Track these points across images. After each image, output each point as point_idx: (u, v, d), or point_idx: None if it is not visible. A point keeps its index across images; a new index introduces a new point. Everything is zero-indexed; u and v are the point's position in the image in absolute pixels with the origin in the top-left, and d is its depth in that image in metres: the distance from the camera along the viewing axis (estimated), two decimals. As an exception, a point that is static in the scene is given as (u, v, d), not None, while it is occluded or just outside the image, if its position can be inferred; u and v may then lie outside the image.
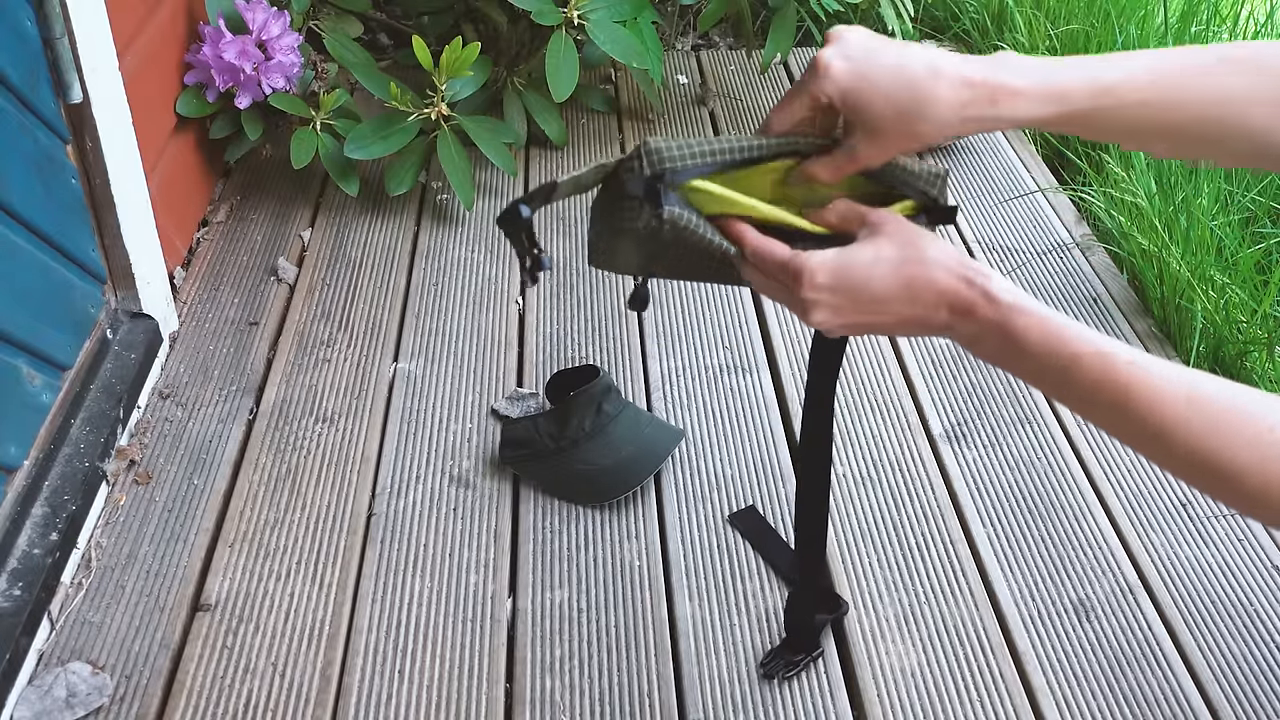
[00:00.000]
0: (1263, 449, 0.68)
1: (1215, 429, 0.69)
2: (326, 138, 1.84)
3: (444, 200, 1.97)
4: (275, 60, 1.78)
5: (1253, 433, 0.68)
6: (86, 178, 1.45)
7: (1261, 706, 1.22)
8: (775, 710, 1.20)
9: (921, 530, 1.40)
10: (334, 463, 1.47)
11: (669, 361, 1.64)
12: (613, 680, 1.22)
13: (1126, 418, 0.72)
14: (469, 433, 1.52)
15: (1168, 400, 0.70)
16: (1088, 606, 1.32)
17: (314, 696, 1.20)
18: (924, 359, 1.67)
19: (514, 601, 1.31)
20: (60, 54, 1.34)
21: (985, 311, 0.74)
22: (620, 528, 1.39)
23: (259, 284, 1.76)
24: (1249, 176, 2.03)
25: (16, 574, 1.21)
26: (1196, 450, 0.70)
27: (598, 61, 2.14)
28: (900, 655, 1.26)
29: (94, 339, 1.47)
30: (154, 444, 1.48)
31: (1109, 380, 0.71)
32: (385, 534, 1.38)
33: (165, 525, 1.37)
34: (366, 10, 2.07)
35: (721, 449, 1.50)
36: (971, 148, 2.17)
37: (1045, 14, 2.38)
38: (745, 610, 1.30)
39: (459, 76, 1.82)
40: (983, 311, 0.74)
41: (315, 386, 1.58)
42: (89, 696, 1.18)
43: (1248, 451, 0.68)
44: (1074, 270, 1.86)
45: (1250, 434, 0.68)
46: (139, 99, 1.53)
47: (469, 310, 1.73)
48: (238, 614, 1.28)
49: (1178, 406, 0.70)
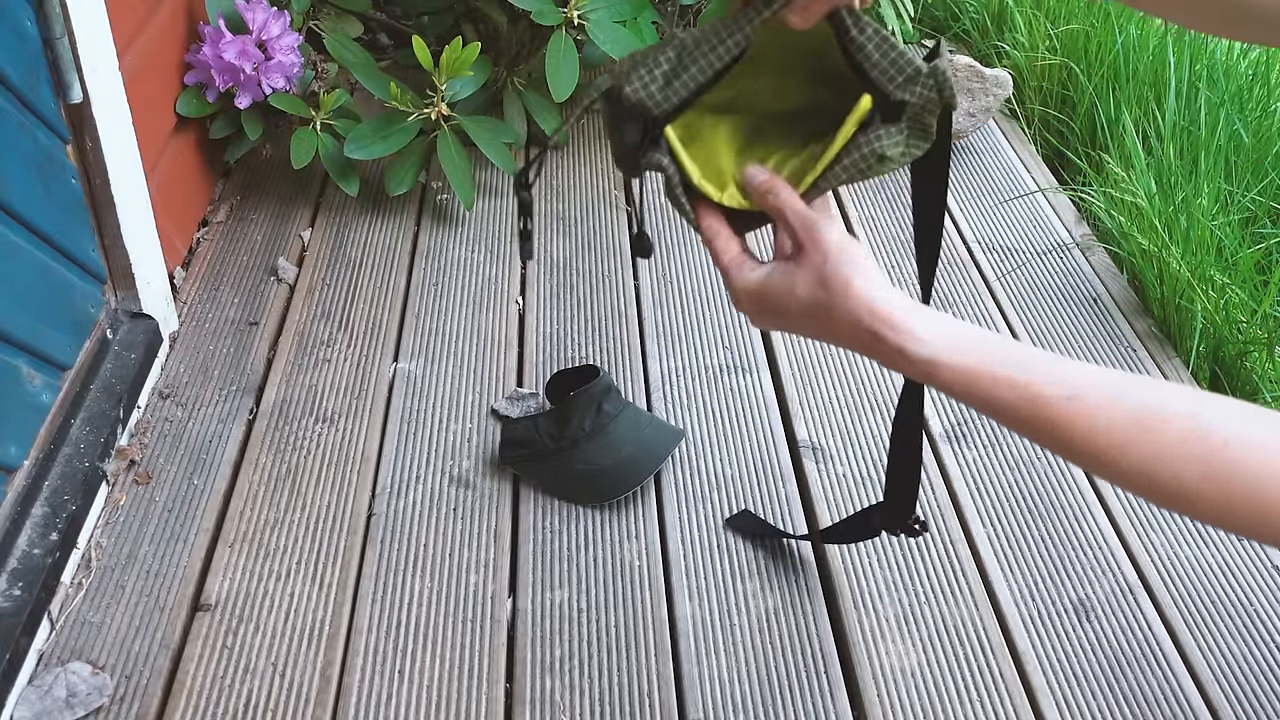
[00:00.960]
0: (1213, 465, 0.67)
1: (1163, 454, 0.67)
2: (326, 138, 1.84)
3: (444, 200, 1.97)
4: (275, 60, 1.78)
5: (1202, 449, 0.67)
6: (86, 178, 1.45)
7: (1261, 706, 1.22)
8: (775, 710, 1.20)
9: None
10: (334, 463, 1.47)
11: (669, 361, 1.64)
12: (613, 680, 1.22)
13: (1071, 453, 0.71)
14: (469, 433, 1.52)
15: (1116, 428, 0.68)
16: (1088, 606, 1.32)
17: (314, 696, 1.20)
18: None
19: (514, 601, 1.31)
20: (60, 54, 1.34)
21: (902, 365, 0.73)
22: (620, 528, 1.39)
23: (259, 284, 1.76)
24: (1249, 176, 2.03)
25: (16, 574, 1.21)
26: (1147, 475, 0.68)
27: (598, 61, 2.13)
28: (900, 655, 1.26)
29: (94, 339, 1.47)
30: (154, 444, 1.48)
31: (1041, 420, 0.70)
32: (385, 534, 1.38)
33: (165, 525, 1.37)
34: (366, 10, 2.07)
35: (721, 449, 1.50)
36: (971, 148, 2.17)
37: (1045, 14, 2.38)
38: (745, 610, 1.30)
39: (459, 76, 1.82)
40: (900, 365, 0.73)
41: (315, 386, 1.58)
42: (89, 696, 1.18)
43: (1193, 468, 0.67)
44: (1074, 270, 1.86)
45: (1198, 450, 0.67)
46: (139, 99, 1.53)
47: (469, 310, 1.73)
48: (238, 614, 1.28)
49: (1128, 433, 0.68)
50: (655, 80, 0.77)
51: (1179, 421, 0.68)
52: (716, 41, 0.76)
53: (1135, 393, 0.69)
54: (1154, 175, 1.95)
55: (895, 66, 0.74)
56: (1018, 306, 1.78)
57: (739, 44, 0.76)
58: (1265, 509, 0.66)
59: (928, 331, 0.71)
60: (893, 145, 0.75)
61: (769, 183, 0.77)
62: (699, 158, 0.80)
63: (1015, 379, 0.70)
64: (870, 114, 0.75)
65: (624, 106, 0.78)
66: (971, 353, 0.71)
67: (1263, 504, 0.66)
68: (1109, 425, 0.68)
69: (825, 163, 0.76)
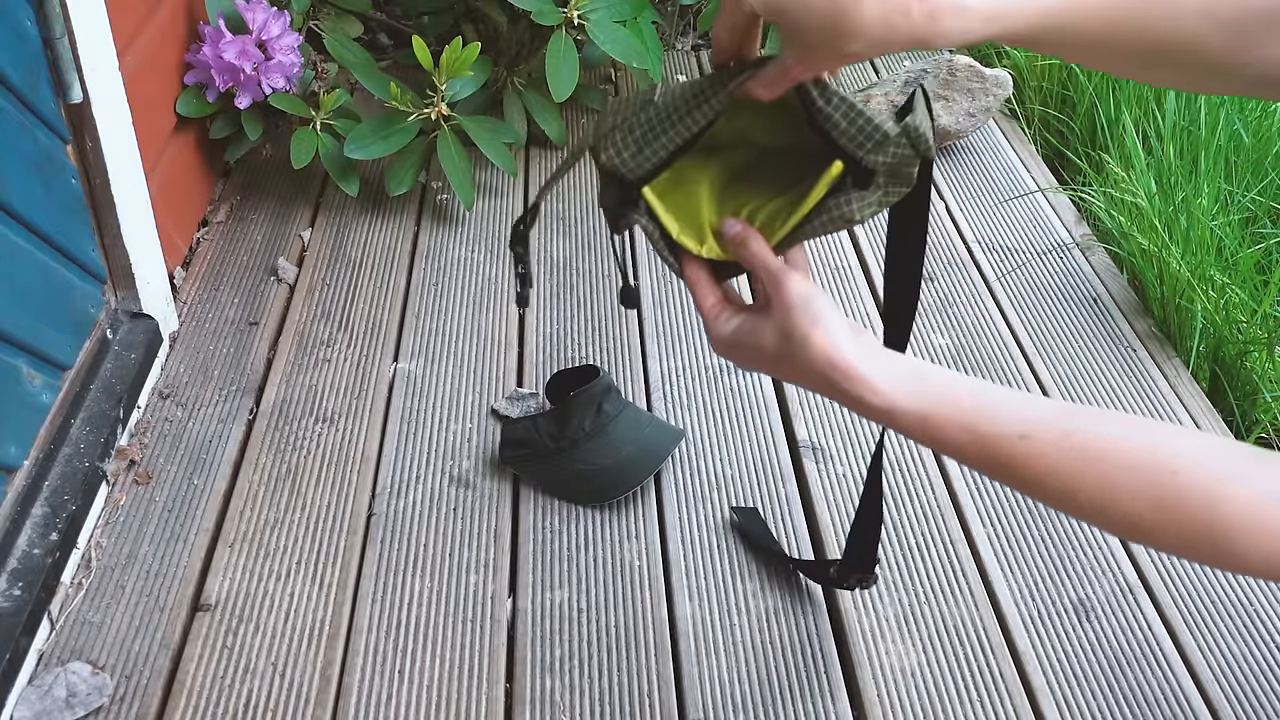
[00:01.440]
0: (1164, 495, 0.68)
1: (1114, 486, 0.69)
2: (326, 138, 1.84)
3: (444, 200, 1.97)
4: (275, 60, 1.78)
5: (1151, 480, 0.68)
6: (86, 178, 1.45)
7: (1261, 706, 1.22)
8: (775, 710, 1.20)
9: (921, 530, 1.40)
10: (334, 463, 1.47)
11: (669, 361, 1.64)
12: (613, 680, 1.22)
13: (1029, 490, 0.73)
14: (469, 433, 1.52)
15: (1066, 464, 0.70)
16: (1088, 606, 1.32)
17: (314, 696, 1.20)
18: (924, 359, 1.66)
19: (514, 601, 1.31)
20: (60, 54, 1.34)
21: (863, 412, 0.76)
22: (620, 528, 1.39)
23: (259, 284, 1.76)
24: (1249, 176, 2.03)
25: (16, 574, 1.21)
26: (1100, 507, 0.70)
27: (598, 61, 2.14)
28: (900, 655, 1.26)
29: (94, 339, 1.47)
30: (154, 444, 1.48)
31: (997, 461, 0.73)
32: (385, 534, 1.38)
33: (165, 525, 1.37)
34: (366, 10, 2.07)
35: (721, 449, 1.50)
36: (971, 148, 2.17)
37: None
38: (745, 610, 1.30)
39: (459, 76, 1.82)
40: (861, 411, 0.76)
41: (315, 386, 1.58)
42: (89, 696, 1.18)
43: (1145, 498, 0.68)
44: (1074, 270, 1.86)
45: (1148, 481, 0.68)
46: (139, 99, 1.53)
47: (469, 310, 1.73)
48: (238, 614, 1.28)
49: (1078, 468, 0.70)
50: (628, 147, 0.79)
51: (1128, 454, 0.70)
52: (685, 112, 0.78)
53: (1086, 428, 0.71)
54: (1154, 175, 1.95)
55: (863, 134, 0.75)
56: (1018, 306, 1.78)
57: (708, 115, 0.78)
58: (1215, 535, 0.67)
59: (885, 381, 0.74)
60: (864, 208, 0.77)
61: (742, 235, 0.80)
62: (680, 208, 0.82)
63: (969, 422, 0.73)
64: (841, 178, 0.77)
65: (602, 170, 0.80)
66: (928, 398, 0.74)
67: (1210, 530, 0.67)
68: (1058, 462, 0.71)
69: (793, 223, 0.79)
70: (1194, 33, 0.70)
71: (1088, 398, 1.61)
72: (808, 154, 0.79)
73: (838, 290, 1.81)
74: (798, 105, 0.77)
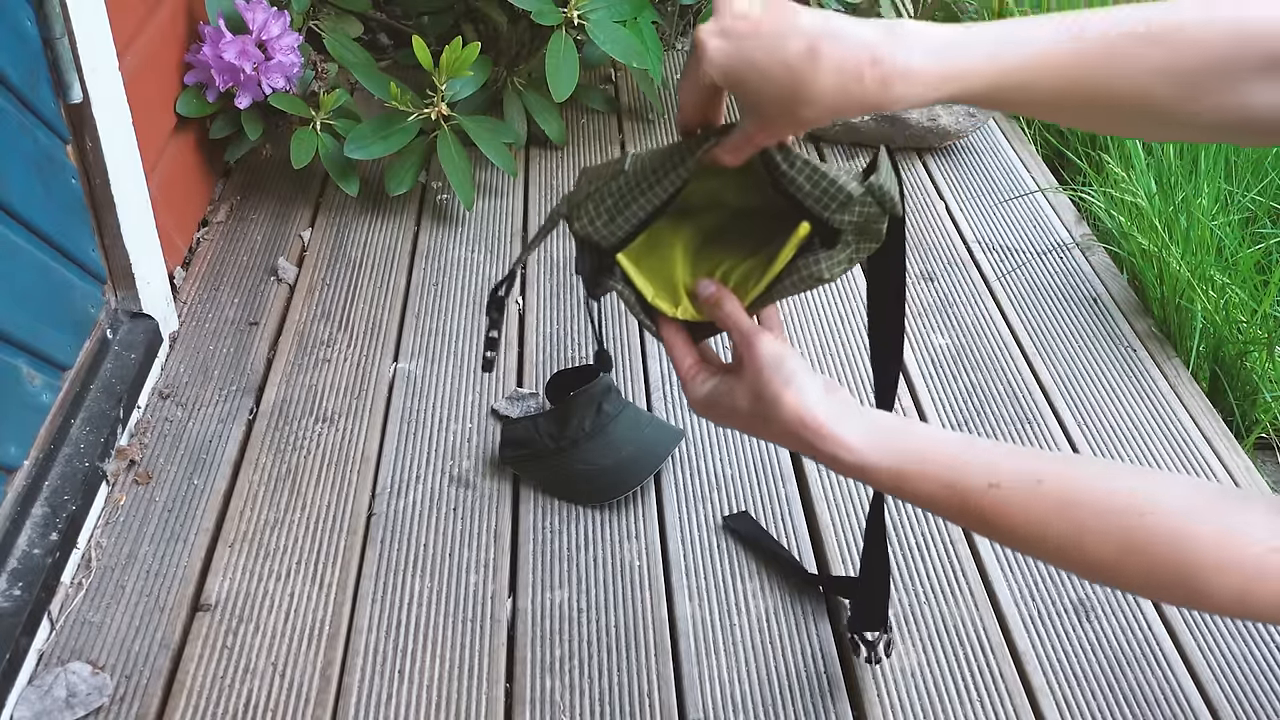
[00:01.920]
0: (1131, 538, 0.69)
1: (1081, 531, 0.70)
2: (326, 138, 1.84)
3: (444, 200, 1.97)
4: (275, 60, 1.78)
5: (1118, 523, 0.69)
6: (86, 178, 1.45)
7: (1261, 706, 1.22)
8: (775, 710, 1.20)
9: (921, 530, 1.40)
10: (334, 463, 1.47)
11: (669, 361, 1.64)
12: (613, 680, 1.22)
13: (1000, 538, 0.74)
14: (469, 433, 1.52)
15: (1034, 512, 0.72)
16: (1088, 606, 1.32)
17: (314, 696, 1.20)
18: (924, 359, 1.67)
19: (514, 601, 1.31)
20: (60, 54, 1.34)
21: (838, 469, 0.78)
22: (620, 528, 1.39)
23: (259, 284, 1.76)
24: (1249, 176, 2.04)
25: (16, 574, 1.21)
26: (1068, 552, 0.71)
27: (598, 61, 2.14)
28: (900, 655, 1.26)
29: (94, 339, 1.47)
30: (154, 444, 1.48)
31: (968, 511, 0.74)
32: (385, 534, 1.38)
33: (165, 525, 1.37)
34: (366, 10, 2.07)
35: (721, 449, 1.50)
36: (971, 148, 2.17)
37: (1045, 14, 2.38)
38: (745, 610, 1.30)
39: (459, 76, 1.82)
40: (836, 469, 0.78)
41: (315, 386, 1.58)
42: (89, 696, 1.18)
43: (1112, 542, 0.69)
44: (1074, 270, 1.86)
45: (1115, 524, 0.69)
46: (139, 99, 1.54)
47: (469, 310, 1.73)
48: (238, 614, 1.28)
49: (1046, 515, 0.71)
50: (601, 216, 0.80)
51: (1097, 499, 0.71)
52: (655, 180, 0.79)
53: (1054, 474, 0.72)
54: (1154, 175, 1.95)
55: (827, 195, 0.77)
56: (1018, 306, 1.78)
57: (675, 182, 0.79)
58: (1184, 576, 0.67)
59: (857, 439, 0.76)
60: (833, 267, 0.79)
61: (716, 296, 0.82)
62: (655, 271, 0.84)
63: (941, 476, 0.75)
64: (809, 238, 0.79)
65: (577, 238, 0.82)
66: (900, 453, 0.76)
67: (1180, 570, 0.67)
68: (1027, 510, 0.72)
69: (764, 284, 0.81)
70: (1146, 88, 0.70)
71: (1088, 398, 1.61)
72: (778, 215, 0.80)
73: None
74: (762, 170, 0.78)
